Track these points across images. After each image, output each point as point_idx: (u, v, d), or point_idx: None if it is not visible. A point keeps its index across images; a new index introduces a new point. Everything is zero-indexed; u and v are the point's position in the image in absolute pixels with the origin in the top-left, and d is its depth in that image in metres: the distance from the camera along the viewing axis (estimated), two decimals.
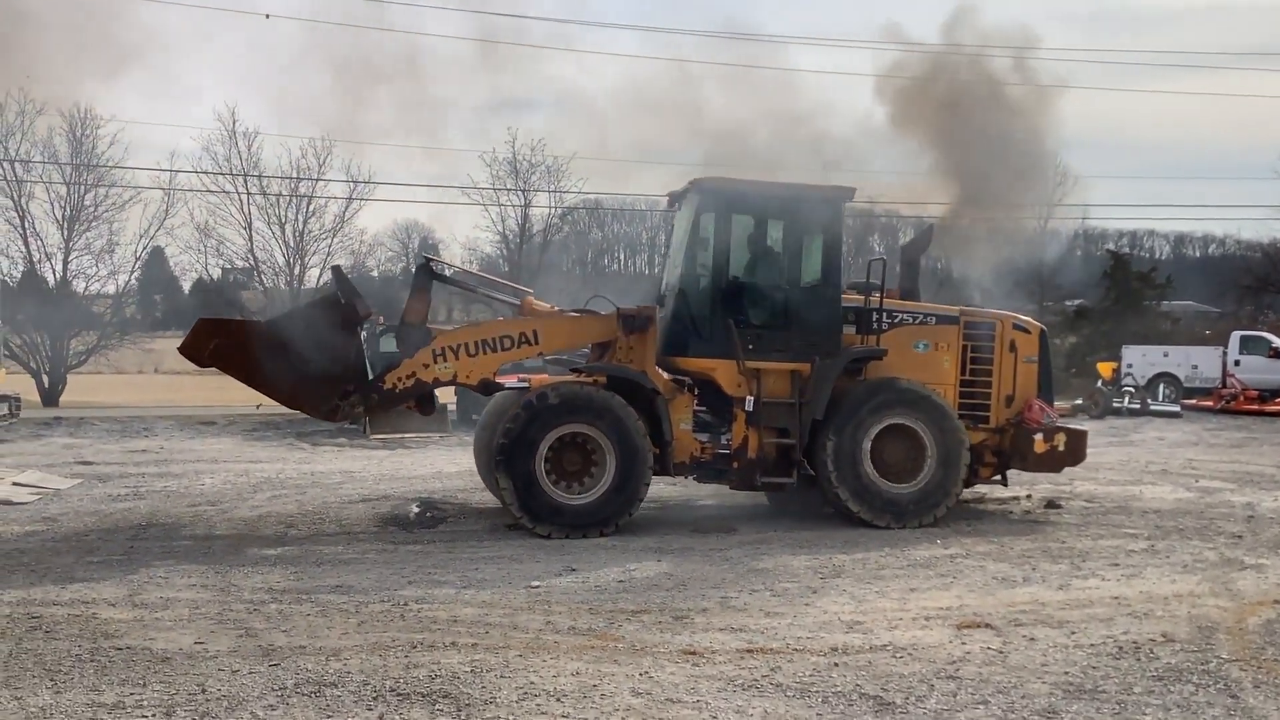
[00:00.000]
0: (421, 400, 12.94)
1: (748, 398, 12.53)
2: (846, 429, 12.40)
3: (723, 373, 12.58)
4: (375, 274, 45.86)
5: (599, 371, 12.45)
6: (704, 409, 13.00)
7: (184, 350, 12.53)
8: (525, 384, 12.54)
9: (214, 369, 12.49)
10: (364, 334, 13.24)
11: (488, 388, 12.62)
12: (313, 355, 11.90)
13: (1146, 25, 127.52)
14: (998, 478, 13.63)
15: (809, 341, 12.64)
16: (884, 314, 12.98)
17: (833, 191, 13.04)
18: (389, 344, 16.60)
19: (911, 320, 13.20)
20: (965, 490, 13.79)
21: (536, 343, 12.74)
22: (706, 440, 12.71)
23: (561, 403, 11.95)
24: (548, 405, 11.91)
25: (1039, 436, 13.05)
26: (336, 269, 15.34)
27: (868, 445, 12.43)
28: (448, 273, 14.55)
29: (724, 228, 12.82)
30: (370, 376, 12.47)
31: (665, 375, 12.60)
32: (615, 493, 11.92)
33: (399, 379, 12.35)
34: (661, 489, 14.79)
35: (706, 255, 12.90)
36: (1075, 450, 13.32)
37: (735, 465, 12.64)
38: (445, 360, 12.38)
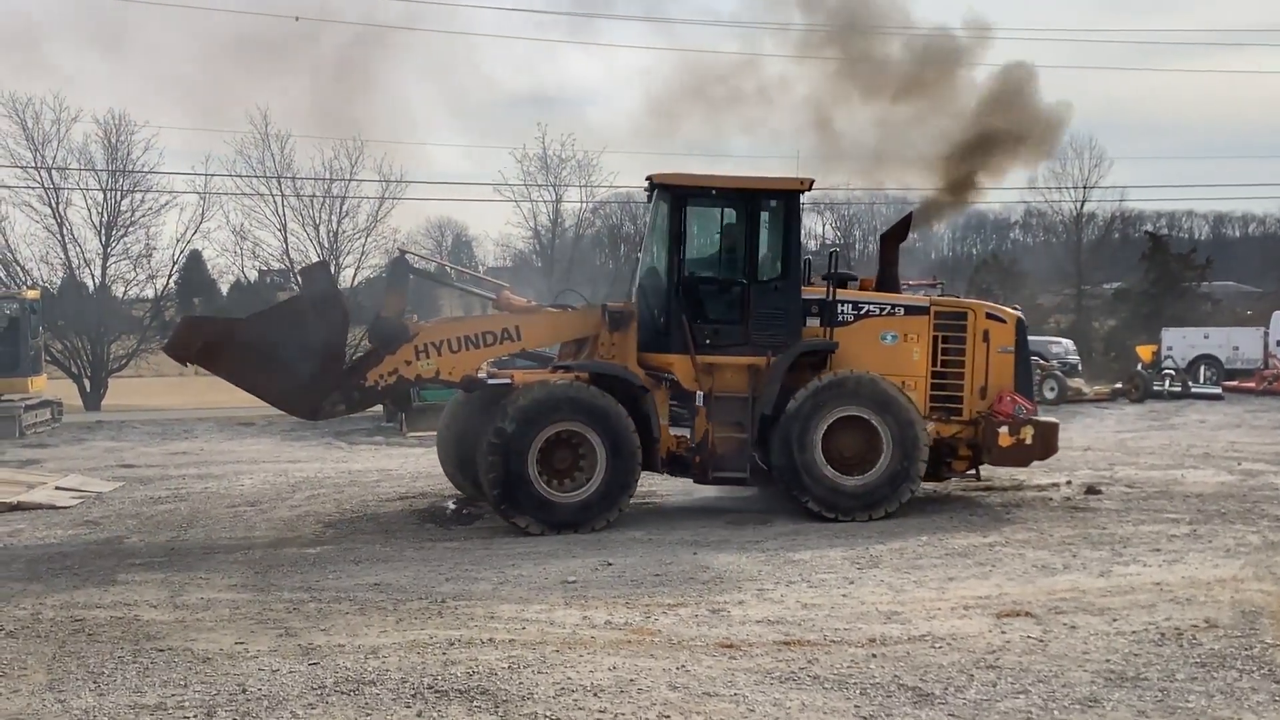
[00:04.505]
0: (398, 397, 12.92)
1: (698, 393, 12.52)
2: (796, 423, 12.30)
3: (680, 368, 12.57)
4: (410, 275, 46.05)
5: (597, 370, 12.44)
6: (677, 403, 12.92)
7: (169, 349, 12.58)
8: (508, 381, 12.47)
9: (201, 367, 12.49)
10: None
11: (470, 384, 12.54)
12: (299, 354, 11.86)
13: (1179, 4, 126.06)
14: (972, 471, 13.46)
15: (766, 336, 12.59)
16: (850, 306, 12.87)
17: (789, 184, 12.90)
18: None
19: (879, 311, 12.99)
20: (940, 483, 13.74)
21: (518, 339, 12.76)
22: (684, 435, 12.68)
23: (555, 401, 11.92)
24: (540, 404, 11.87)
25: (1004, 429, 12.73)
26: (305, 269, 15.37)
27: (819, 439, 12.30)
28: (430, 266, 14.59)
29: (679, 223, 12.72)
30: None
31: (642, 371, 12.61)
32: (607, 489, 11.94)
33: (380, 375, 12.31)
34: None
35: (664, 251, 12.85)
36: (1044, 443, 12.96)
37: (697, 460, 12.65)
38: (427, 356, 12.36)
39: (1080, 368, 35.02)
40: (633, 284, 13.72)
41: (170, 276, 42.06)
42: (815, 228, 53.26)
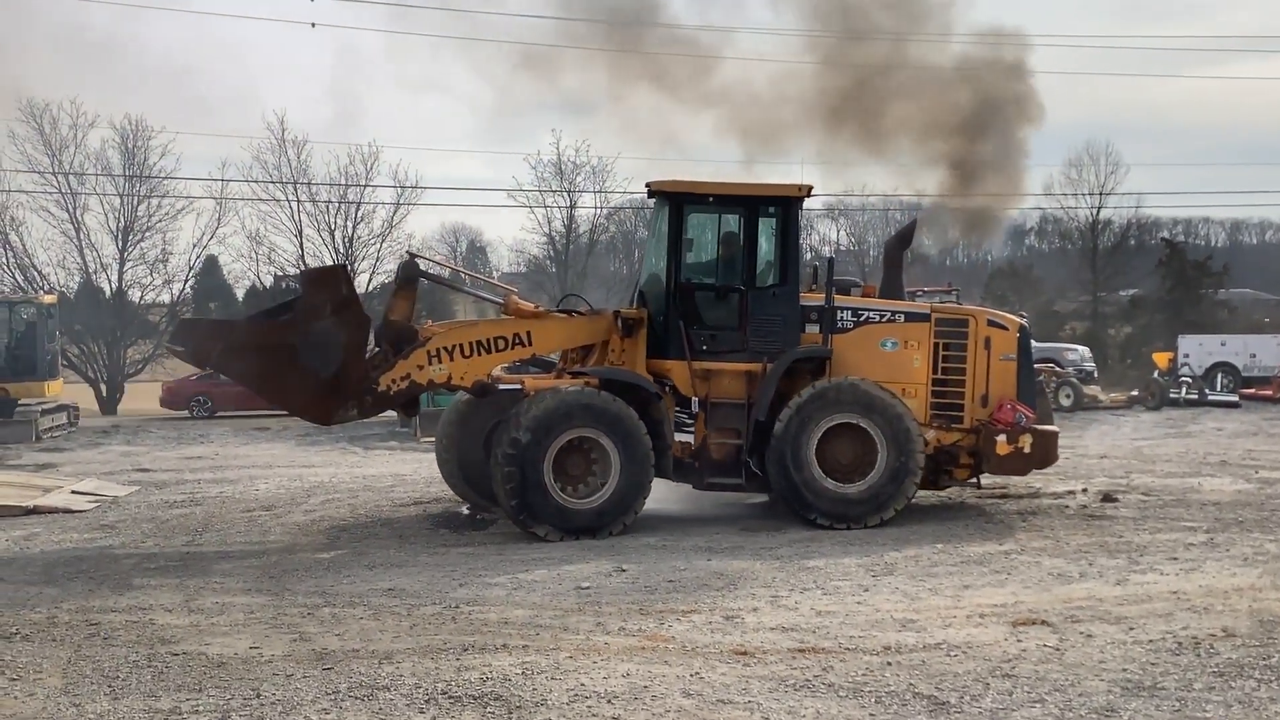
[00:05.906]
0: (408, 402, 12.93)
1: (694, 399, 12.53)
2: (787, 443, 12.26)
3: (677, 374, 12.59)
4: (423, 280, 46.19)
5: (609, 376, 12.41)
6: (680, 409, 12.89)
7: (193, 358, 12.57)
8: (519, 386, 12.43)
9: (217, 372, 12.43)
10: None
11: (483, 390, 12.48)
12: (322, 359, 11.80)
13: (1196, 10, 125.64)
14: (973, 480, 13.37)
15: (764, 342, 12.58)
16: (849, 312, 12.83)
17: (788, 190, 12.88)
18: None
19: (879, 318, 12.92)
20: (943, 491, 13.70)
21: (529, 344, 12.74)
22: (689, 441, 12.68)
23: (569, 409, 11.90)
24: (554, 412, 11.85)
25: (1001, 438, 12.59)
26: (308, 271, 15.33)
27: (812, 455, 12.26)
28: (444, 272, 14.57)
29: (677, 229, 12.74)
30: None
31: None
32: (622, 495, 11.93)
33: (393, 380, 12.24)
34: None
35: (662, 257, 12.87)
36: (1043, 453, 12.83)
37: (697, 466, 12.65)
38: (440, 361, 12.32)
39: (1096, 375, 34.85)
40: (634, 290, 13.75)
41: (186, 282, 42.29)
42: (830, 234, 53.22)
